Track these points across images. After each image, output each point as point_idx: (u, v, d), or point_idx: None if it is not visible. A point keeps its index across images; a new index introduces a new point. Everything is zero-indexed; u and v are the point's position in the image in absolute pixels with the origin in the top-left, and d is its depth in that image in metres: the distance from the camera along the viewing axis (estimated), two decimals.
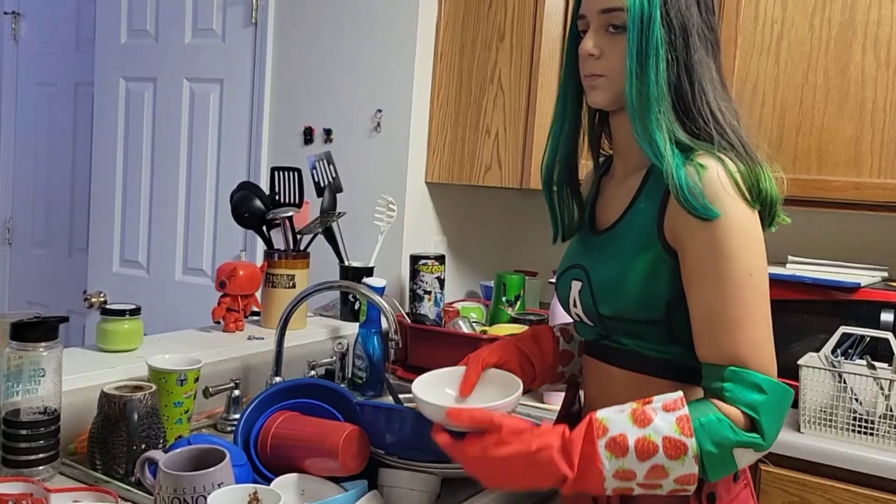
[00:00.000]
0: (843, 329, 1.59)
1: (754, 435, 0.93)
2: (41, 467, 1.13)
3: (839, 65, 1.76)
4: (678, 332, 1.03)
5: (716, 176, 0.97)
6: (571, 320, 1.20)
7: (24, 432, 1.12)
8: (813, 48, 1.78)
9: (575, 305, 1.13)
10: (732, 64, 1.86)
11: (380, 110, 2.20)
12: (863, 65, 1.74)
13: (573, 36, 1.12)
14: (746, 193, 0.97)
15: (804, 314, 1.72)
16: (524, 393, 1.08)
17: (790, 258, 1.88)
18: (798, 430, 1.58)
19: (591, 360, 1.15)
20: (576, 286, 1.12)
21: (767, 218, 1.02)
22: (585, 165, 1.21)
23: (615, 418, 0.93)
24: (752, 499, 1.10)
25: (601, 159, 1.22)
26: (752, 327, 0.96)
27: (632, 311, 1.04)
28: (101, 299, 2.60)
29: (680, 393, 0.95)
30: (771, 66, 1.83)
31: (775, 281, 1.72)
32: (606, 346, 1.11)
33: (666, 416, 0.92)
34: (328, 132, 2.29)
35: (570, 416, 1.23)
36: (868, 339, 1.60)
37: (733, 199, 0.96)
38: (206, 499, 0.91)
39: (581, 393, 1.24)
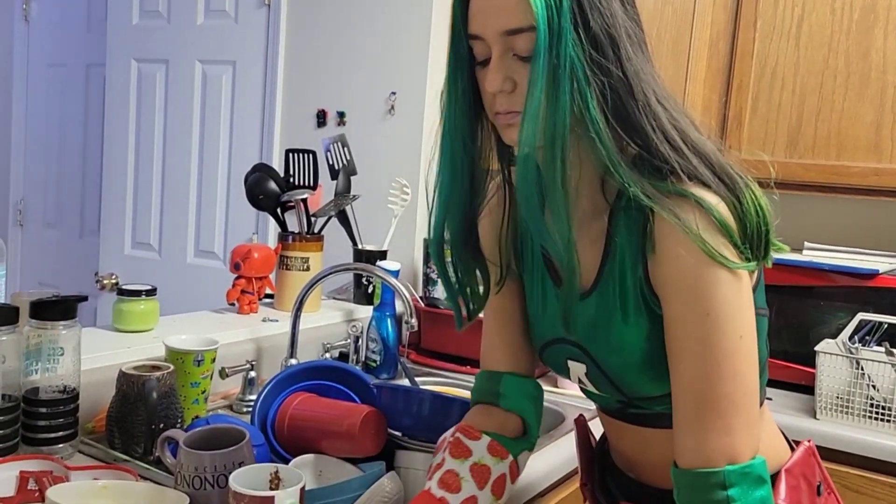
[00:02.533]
0: (860, 315, 1.58)
1: None
2: (60, 445, 1.13)
3: (860, 49, 1.74)
4: None
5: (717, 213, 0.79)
6: None
7: (43, 410, 1.12)
8: (834, 32, 1.77)
9: (582, 383, 0.97)
10: (752, 48, 1.84)
11: (394, 93, 2.19)
12: (885, 49, 1.72)
13: (460, 58, 0.84)
14: (737, 236, 0.79)
15: (821, 301, 1.71)
16: None
17: (807, 244, 1.87)
18: (814, 416, 1.58)
19: (616, 421, 0.97)
20: (576, 368, 0.94)
21: (758, 252, 0.81)
22: None
23: None
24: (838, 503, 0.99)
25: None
26: (748, 404, 0.79)
27: (654, 389, 0.87)
28: (114, 281, 2.61)
29: None
30: (791, 50, 1.81)
31: (792, 267, 1.72)
32: (636, 414, 0.93)
33: None
34: (342, 115, 2.28)
35: (591, 453, 1.09)
36: (886, 325, 1.59)
37: (725, 244, 0.79)
38: (227, 477, 0.91)
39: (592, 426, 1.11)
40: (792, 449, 0.96)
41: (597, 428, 1.07)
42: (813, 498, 0.94)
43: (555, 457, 1.33)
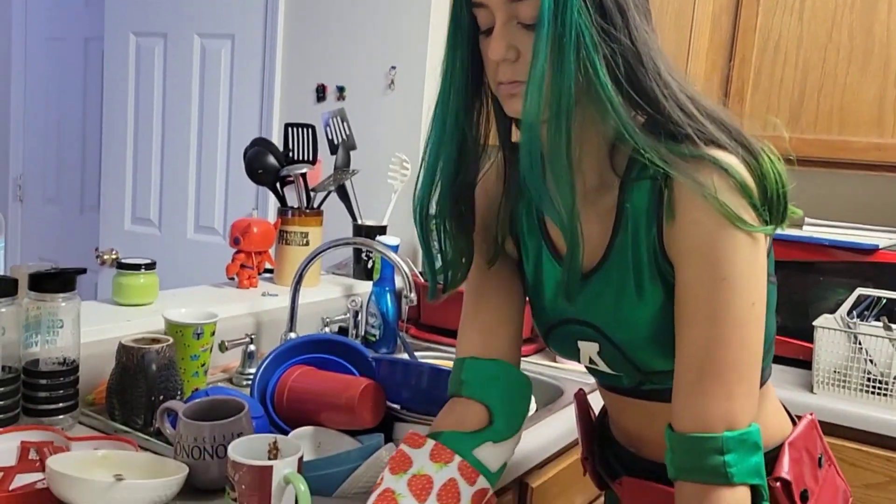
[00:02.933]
0: (859, 290, 1.58)
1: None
2: (61, 417, 1.14)
3: (864, 23, 1.73)
4: None
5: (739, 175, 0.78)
6: None
7: (43, 382, 1.13)
8: (838, 6, 1.75)
9: (593, 363, 0.94)
10: (755, 22, 1.82)
11: (394, 67, 2.17)
12: (888, 23, 1.70)
13: (461, 28, 0.83)
14: (757, 198, 0.78)
15: (821, 276, 1.71)
16: None
17: (807, 220, 1.87)
18: (811, 390, 1.58)
19: (623, 398, 0.96)
20: (588, 348, 0.92)
21: (776, 216, 0.80)
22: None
23: None
24: (839, 475, 1.00)
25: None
26: (751, 372, 0.79)
27: (668, 362, 0.85)
28: (114, 256, 2.60)
29: None
30: (794, 24, 1.79)
31: (793, 242, 1.72)
32: (648, 390, 0.92)
33: None
34: (341, 90, 2.27)
35: (591, 427, 1.08)
36: (885, 300, 1.60)
37: (745, 207, 0.78)
38: (226, 448, 0.91)
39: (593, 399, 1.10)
40: (794, 423, 0.96)
41: (596, 402, 1.07)
42: (815, 470, 0.94)
43: (553, 430, 1.34)
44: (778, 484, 0.88)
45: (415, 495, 0.86)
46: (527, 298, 1.00)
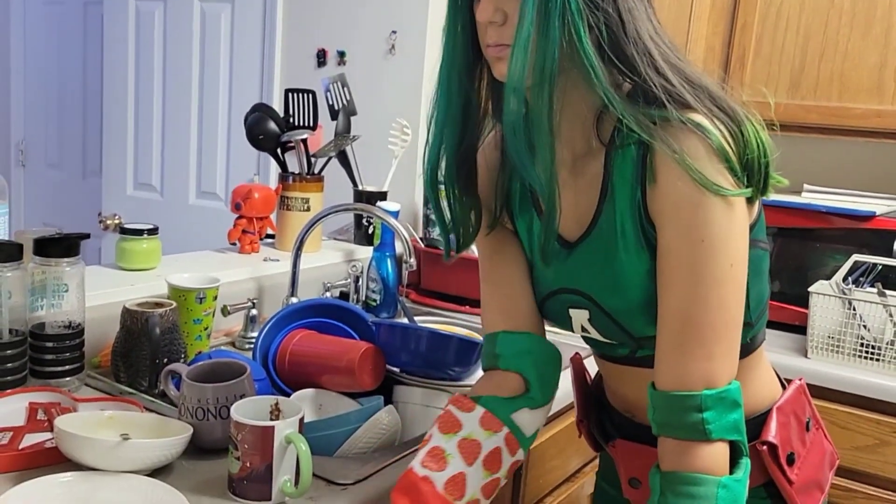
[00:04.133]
0: (855, 257, 1.60)
1: (742, 462, 0.81)
2: (67, 379, 1.17)
3: None
4: None
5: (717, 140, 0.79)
6: None
7: (49, 345, 1.15)
8: None
9: (585, 331, 0.96)
10: None
11: (394, 32, 2.16)
12: None
13: None
14: (735, 161, 0.80)
15: (818, 242, 1.73)
16: None
17: (806, 186, 1.87)
18: (805, 355, 1.61)
19: (618, 366, 0.97)
20: (579, 315, 0.93)
21: (758, 183, 0.82)
22: None
23: None
24: (826, 438, 1.02)
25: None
26: (730, 333, 0.80)
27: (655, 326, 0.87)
28: (116, 222, 2.62)
29: None
30: None
31: (791, 209, 1.73)
32: (641, 357, 0.93)
33: None
34: (342, 54, 2.26)
35: (587, 390, 1.10)
36: (880, 266, 1.61)
37: (721, 171, 0.79)
38: (228, 409, 0.94)
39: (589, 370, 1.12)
40: (784, 388, 0.98)
41: (592, 367, 1.09)
42: (802, 434, 0.96)
43: None
44: (765, 447, 0.91)
45: (463, 457, 0.90)
46: None
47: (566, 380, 1.15)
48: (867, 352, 1.55)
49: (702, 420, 0.79)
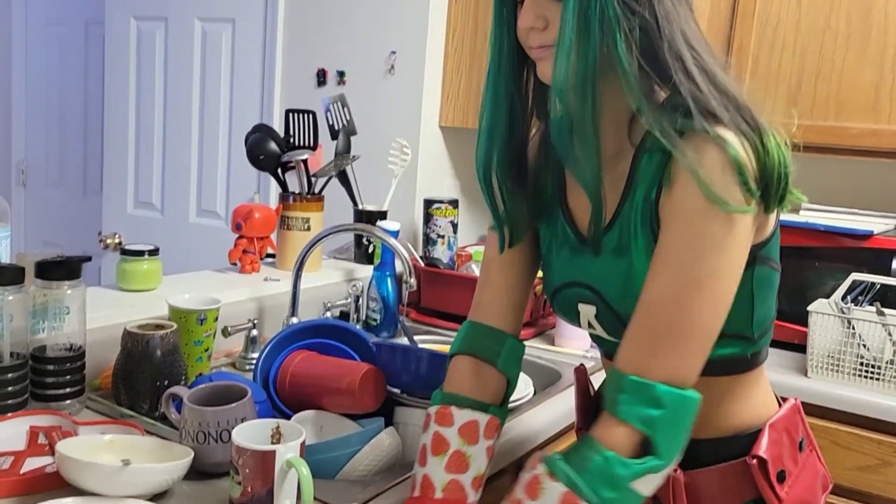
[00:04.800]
0: (854, 276, 1.60)
1: (647, 458, 0.81)
2: (68, 402, 1.17)
3: (862, 9, 1.73)
4: (733, 327, 0.89)
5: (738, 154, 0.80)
6: None
7: (50, 368, 1.15)
8: None
9: (592, 328, 0.99)
10: (753, 7, 1.83)
11: (394, 52, 2.18)
12: (886, 9, 1.70)
13: None
14: (751, 180, 0.80)
15: (816, 261, 1.73)
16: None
17: (804, 205, 1.88)
18: (805, 374, 1.61)
19: None
20: (587, 310, 0.96)
21: (775, 196, 0.83)
22: None
23: None
24: (819, 461, 1.02)
25: None
26: (687, 339, 0.82)
27: None
28: (117, 241, 2.63)
29: (537, 469, 0.84)
30: (793, 10, 1.80)
31: (789, 227, 1.73)
32: None
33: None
34: (341, 74, 2.27)
35: (589, 400, 1.11)
36: (879, 286, 1.61)
37: (733, 186, 0.80)
38: (229, 433, 0.94)
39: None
40: (780, 406, 0.99)
41: (597, 381, 1.09)
42: (794, 453, 0.97)
43: (552, 412, 1.37)
44: (755, 461, 0.92)
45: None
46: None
47: (569, 399, 1.16)
48: (867, 371, 1.55)
49: (616, 399, 0.83)
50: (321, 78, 2.31)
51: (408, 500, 0.96)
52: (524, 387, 1.41)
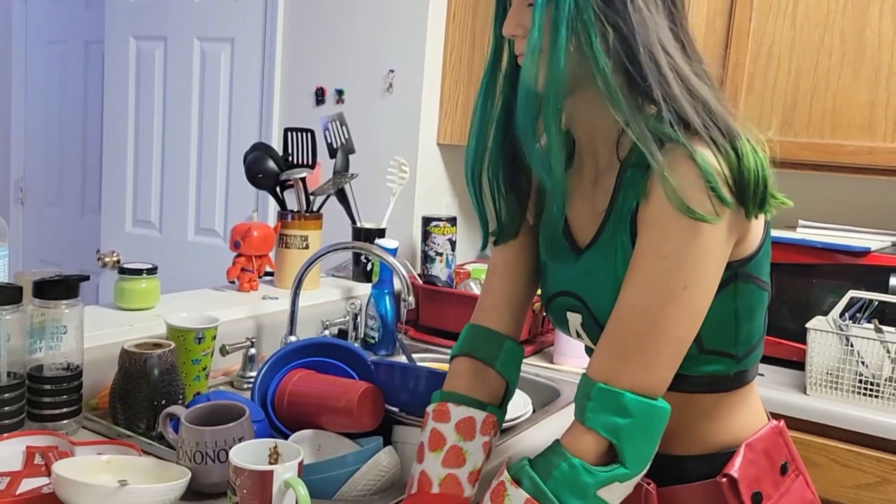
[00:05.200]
0: (851, 293, 1.60)
1: (613, 466, 0.81)
2: (65, 422, 1.16)
3: (856, 28, 1.74)
4: (715, 345, 0.90)
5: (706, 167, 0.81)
6: None
7: (47, 387, 1.15)
8: (830, 11, 1.76)
9: (580, 336, 1.01)
10: (748, 26, 1.84)
11: (392, 70, 2.19)
12: (880, 28, 1.72)
13: (502, 3, 0.95)
14: (722, 188, 0.80)
15: (814, 278, 1.73)
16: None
17: (801, 222, 1.89)
18: (804, 392, 1.60)
19: None
20: (574, 319, 0.98)
21: (753, 201, 0.82)
22: None
23: None
24: (808, 488, 1.00)
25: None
26: (657, 349, 0.82)
27: None
28: (115, 259, 2.62)
29: (503, 475, 0.86)
30: (787, 29, 1.81)
31: (786, 244, 1.74)
32: None
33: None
34: (340, 93, 2.29)
35: None
36: (877, 303, 1.62)
37: (703, 196, 0.80)
38: (227, 452, 0.93)
39: None
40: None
41: None
42: (775, 476, 0.95)
43: (550, 430, 1.36)
44: (724, 480, 0.91)
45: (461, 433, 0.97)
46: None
47: (568, 417, 1.15)
48: (866, 388, 1.55)
49: (584, 406, 0.83)
50: (320, 96, 2.32)
51: (405, 498, 0.96)
52: (523, 404, 1.40)
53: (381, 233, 2.00)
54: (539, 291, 1.08)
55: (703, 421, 0.95)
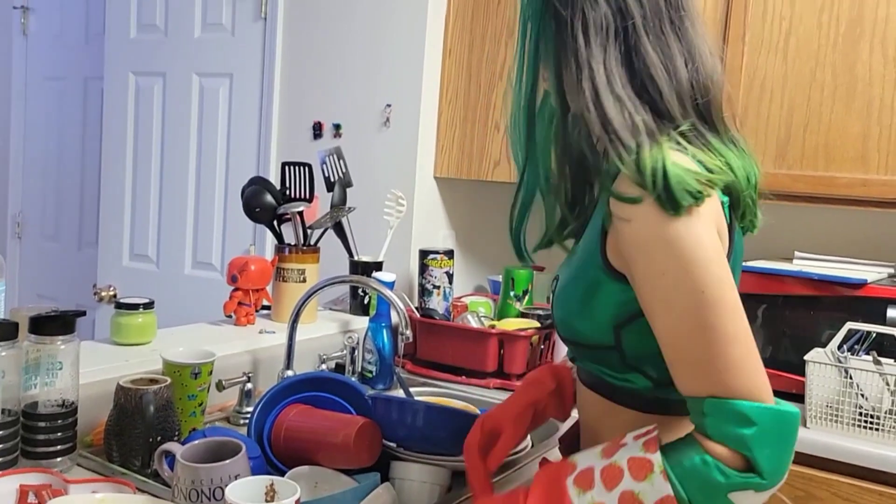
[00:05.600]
0: (849, 325, 1.60)
1: (750, 475, 0.79)
2: (59, 459, 1.15)
3: (847, 62, 1.77)
4: (634, 361, 0.93)
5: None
6: None
7: (42, 424, 1.14)
8: (821, 45, 1.79)
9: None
10: (740, 61, 1.87)
11: (389, 105, 2.21)
12: (870, 62, 1.74)
13: None
14: (648, 184, 0.83)
15: (811, 310, 1.73)
16: None
17: (797, 254, 1.89)
18: (804, 424, 1.60)
19: (580, 387, 1.06)
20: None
21: (659, 191, 0.83)
22: None
23: (585, 455, 0.88)
24: None
25: None
26: (722, 352, 0.81)
27: (580, 335, 0.96)
28: (111, 293, 2.63)
29: (654, 426, 0.86)
30: (779, 64, 1.83)
31: (782, 276, 1.74)
32: (580, 367, 1.04)
33: (635, 441, 0.84)
34: (337, 127, 2.30)
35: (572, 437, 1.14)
36: (874, 334, 1.61)
37: (628, 185, 0.85)
38: (223, 490, 0.92)
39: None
40: None
41: None
42: None
43: None
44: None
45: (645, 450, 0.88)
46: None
47: None
48: (866, 421, 1.54)
49: (703, 424, 0.82)
50: (317, 131, 2.34)
51: None
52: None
53: (378, 266, 2.00)
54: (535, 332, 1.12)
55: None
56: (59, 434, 1.15)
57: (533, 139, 0.98)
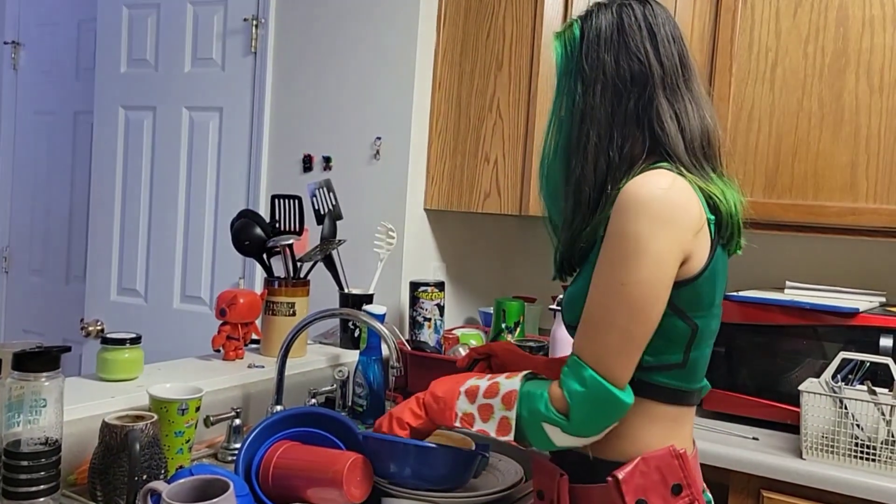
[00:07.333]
0: (842, 354, 1.59)
1: (561, 416, 1.03)
2: (42, 499, 1.12)
3: (833, 92, 1.79)
4: None
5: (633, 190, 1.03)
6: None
7: (24, 463, 1.11)
8: (807, 76, 1.81)
9: None
10: (728, 91, 1.88)
11: (379, 138, 2.22)
12: (856, 92, 1.76)
13: None
14: (658, 208, 1.01)
15: (803, 339, 1.73)
16: None
17: (788, 283, 1.89)
18: (800, 456, 1.58)
19: None
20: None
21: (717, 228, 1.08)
22: None
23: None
24: None
25: None
26: (604, 333, 1.03)
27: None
28: (99, 328, 2.60)
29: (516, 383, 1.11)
30: (766, 94, 1.85)
31: (774, 306, 1.74)
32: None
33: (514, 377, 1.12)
34: (327, 160, 2.30)
35: None
36: (868, 364, 1.61)
37: (635, 213, 1.01)
38: None
39: None
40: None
41: None
42: (665, 493, 1.06)
43: None
44: (610, 479, 1.06)
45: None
46: None
47: None
48: (862, 452, 1.52)
49: (562, 371, 1.06)
50: (307, 163, 2.34)
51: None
52: (514, 474, 1.37)
53: (368, 299, 1.98)
54: None
55: (617, 427, 1.06)
56: (42, 473, 1.12)
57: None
